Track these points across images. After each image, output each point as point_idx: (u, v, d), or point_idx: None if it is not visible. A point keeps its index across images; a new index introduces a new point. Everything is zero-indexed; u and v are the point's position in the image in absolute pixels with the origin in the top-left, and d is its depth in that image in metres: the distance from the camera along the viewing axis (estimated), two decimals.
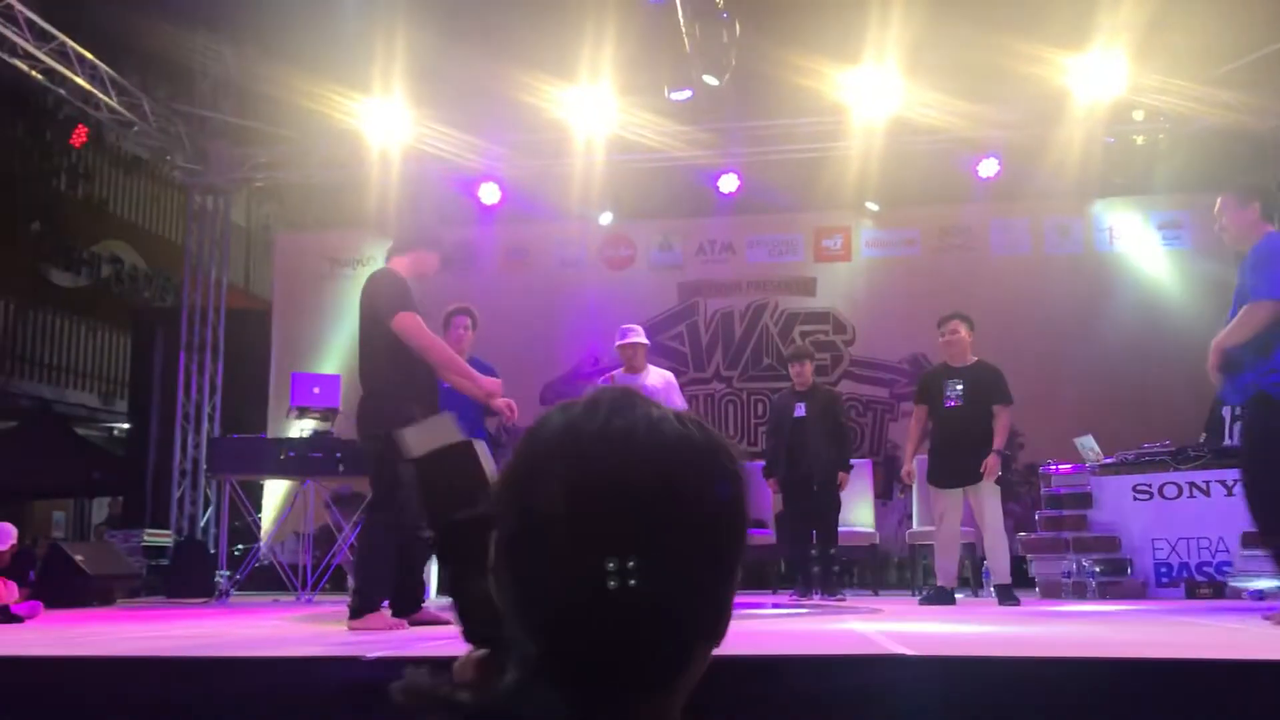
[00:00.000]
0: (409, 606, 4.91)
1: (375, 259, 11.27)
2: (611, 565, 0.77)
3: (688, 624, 0.81)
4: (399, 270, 5.10)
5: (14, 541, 7.33)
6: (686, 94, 8.96)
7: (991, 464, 6.57)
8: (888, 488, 9.82)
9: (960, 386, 6.77)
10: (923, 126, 9.82)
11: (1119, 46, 8.87)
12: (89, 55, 9.49)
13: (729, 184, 10.40)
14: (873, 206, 10.67)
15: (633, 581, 0.77)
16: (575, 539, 0.78)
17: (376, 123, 9.98)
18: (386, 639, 3.98)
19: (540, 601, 0.79)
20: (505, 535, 0.82)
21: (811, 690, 2.83)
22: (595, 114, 9.73)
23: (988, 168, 10.15)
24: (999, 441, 6.63)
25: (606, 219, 11.05)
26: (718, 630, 0.84)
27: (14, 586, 6.32)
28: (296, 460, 7.88)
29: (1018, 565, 7.19)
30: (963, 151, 10.12)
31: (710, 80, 8.35)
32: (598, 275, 11.11)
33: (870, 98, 9.50)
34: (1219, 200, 4.95)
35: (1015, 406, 6.82)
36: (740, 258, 10.99)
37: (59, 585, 7.58)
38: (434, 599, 5.81)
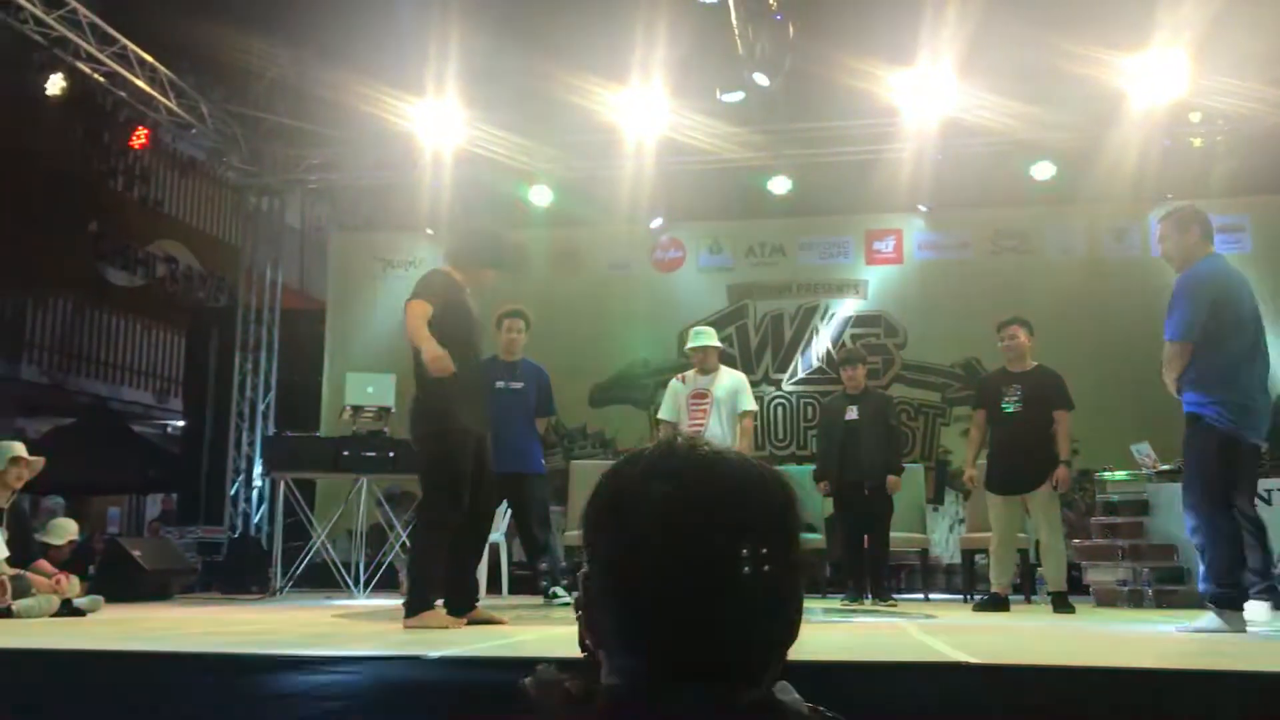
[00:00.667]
0: (463, 605, 4.93)
1: (427, 260, 11.37)
2: (709, 573, 0.88)
3: (777, 623, 0.92)
4: (450, 272, 5.10)
5: (72, 538, 7.47)
6: (738, 96, 8.95)
7: (1063, 476, 6.49)
8: (939, 492, 9.74)
9: (1020, 391, 6.70)
10: (976, 128, 9.73)
11: (1180, 46, 8.74)
12: (149, 58, 9.64)
13: (780, 186, 10.36)
14: (922, 208, 10.58)
15: (728, 586, 0.88)
16: (674, 553, 0.88)
17: (429, 124, 10.05)
18: (445, 638, 4.01)
19: (644, 612, 0.88)
20: (605, 558, 0.92)
21: (874, 697, 2.81)
22: (646, 116, 9.74)
23: (1043, 170, 10.04)
24: (1064, 450, 6.56)
25: (657, 224, 11.05)
26: (796, 628, 0.94)
27: (75, 580, 6.42)
28: (350, 458, 7.96)
29: (1072, 573, 7.11)
30: (1017, 154, 10.02)
31: (761, 79, 8.33)
32: (647, 277, 11.11)
33: (924, 99, 9.44)
34: (1160, 224, 5.01)
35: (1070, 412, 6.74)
36: (791, 260, 10.95)
37: (117, 580, 7.70)
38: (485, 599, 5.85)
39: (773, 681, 0.92)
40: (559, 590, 6.61)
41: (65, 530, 7.41)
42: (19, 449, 6.38)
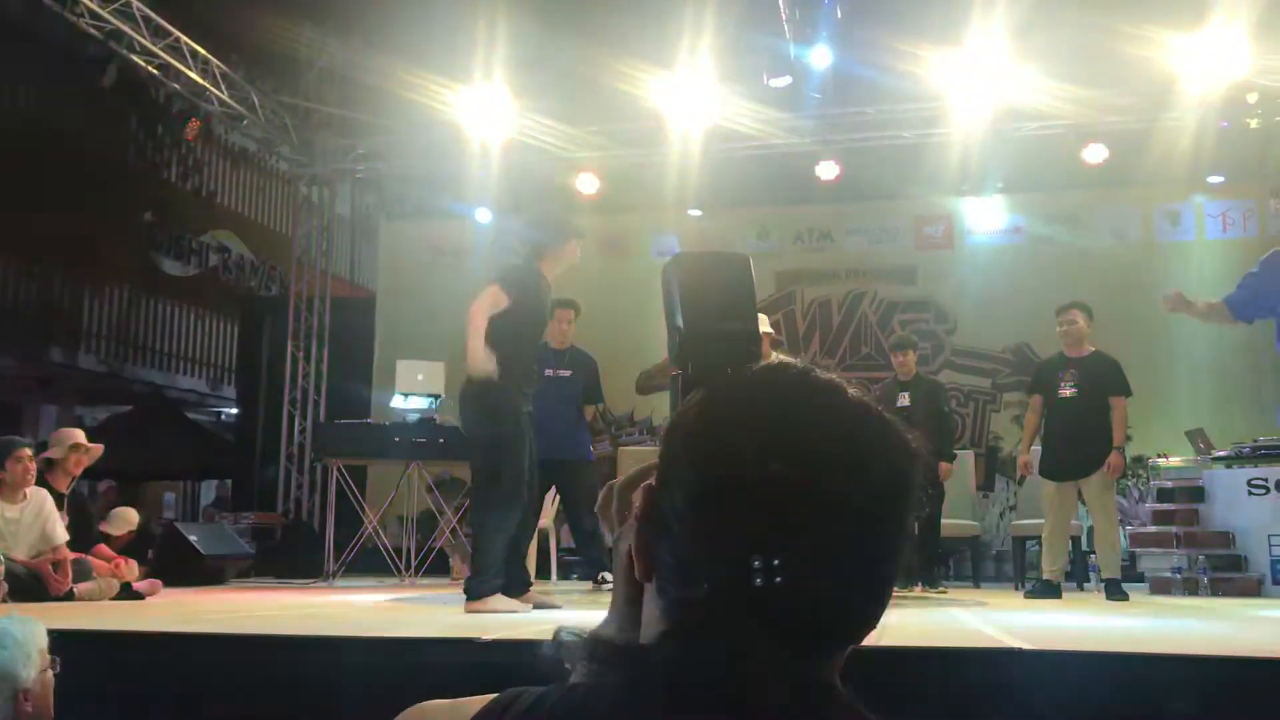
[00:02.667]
0: (516, 588, 4.97)
1: (477, 248, 11.44)
2: (806, 520, 0.77)
3: (868, 590, 0.81)
4: (540, 267, 5.14)
5: (132, 527, 7.62)
6: (786, 80, 8.90)
7: (1115, 463, 6.42)
8: (989, 479, 9.66)
9: (1076, 377, 6.62)
10: (1028, 112, 9.60)
11: (1237, 25, 8.56)
12: (201, 50, 9.76)
13: (828, 171, 10.28)
14: (986, 194, 10.43)
15: (825, 539, 0.77)
16: (771, 492, 0.77)
17: (476, 113, 10.07)
18: (503, 621, 4.04)
19: (730, 556, 0.77)
20: (692, 491, 0.80)
21: (926, 682, 2.80)
22: (693, 102, 9.69)
23: (1095, 153, 9.87)
24: (1119, 437, 6.48)
25: (695, 214, 11.02)
26: (884, 603, 0.83)
27: (135, 565, 6.55)
28: (402, 445, 8.03)
29: (1125, 559, 7.03)
30: (1069, 137, 9.87)
31: (820, 59, 8.25)
32: None
33: (974, 82, 9.32)
34: None
35: None
36: (839, 246, 10.88)
37: (174, 564, 7.84)
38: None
39: (838, 666, 0.81)
40: (608, 575, 6.64)
41: (126, 520, 7.57)
42: (78, 436, 6.51)
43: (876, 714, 0.80)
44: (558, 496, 7.22)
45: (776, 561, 0.76)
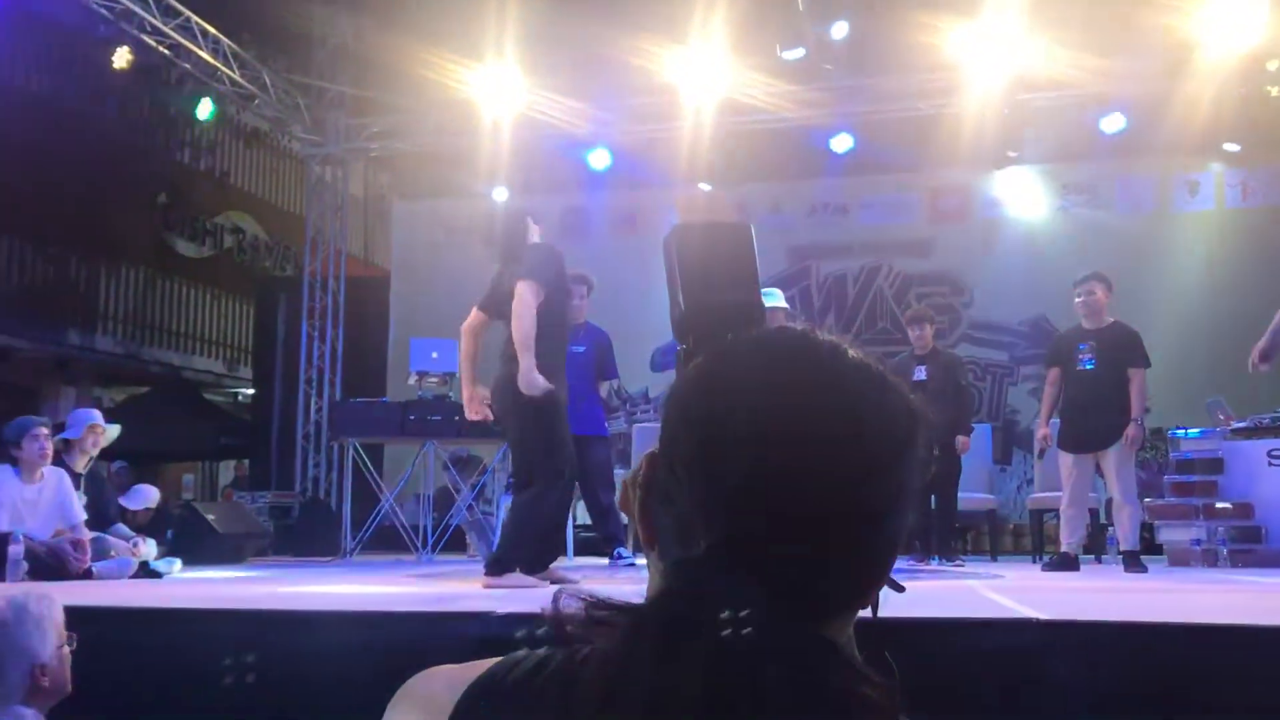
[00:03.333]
0: (542, 564, 4.98)
1: (488, 228, 11.41)
2: (799, 480, 0.76)
3: (865, 551, 0.80)
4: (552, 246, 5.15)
5: (153, 503, 7.67)
6: (799, 53, 8.83)
7: (1133, 434, 6.37)
8: (1007, 452, 9.62)
9: (1095, 348, 6.57)
10: (1044, 81, 9.49)
11: None
12: (212, 30, 9.74)
13: (842, 144, 10.20)
14: (1012, 154, 10.31)
15: (818, 499, 0.76)
16: (763, 452, 0.77)
17: (488, 90, 10.03)
18: (522, 596, 4.05)
19: (723, 516, 0.78)
20: (687, 454, 0.81)
21: (941, 653, 2.79)
22: (705, 76, 9.62)
23: (1112, 123, 9.77)
24: (1137, 409, 6.42)
25: (705, 189, 10.95)
26: (883, 565, 0.83)
27: (153, 543, 6.59)
28: (417, 423, 8.04)
29: (1144, 532, 6.99)
30: (1086, 106, 9.77)
31: (839, 31, 8.18)
32: None
33: (989, 52, 9.22)
34: None
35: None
36: (853, 219, 10.83)
37: (192, 543, 7.89)
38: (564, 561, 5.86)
39: (843, 629, 0.81)
40: (623, 551, 6.65)
41: (147, 497, 7.62)
42: (95, 416, 6.55)
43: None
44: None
45: (768, 521, 0.76)
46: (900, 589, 0.89)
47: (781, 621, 0.74)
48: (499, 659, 0.85)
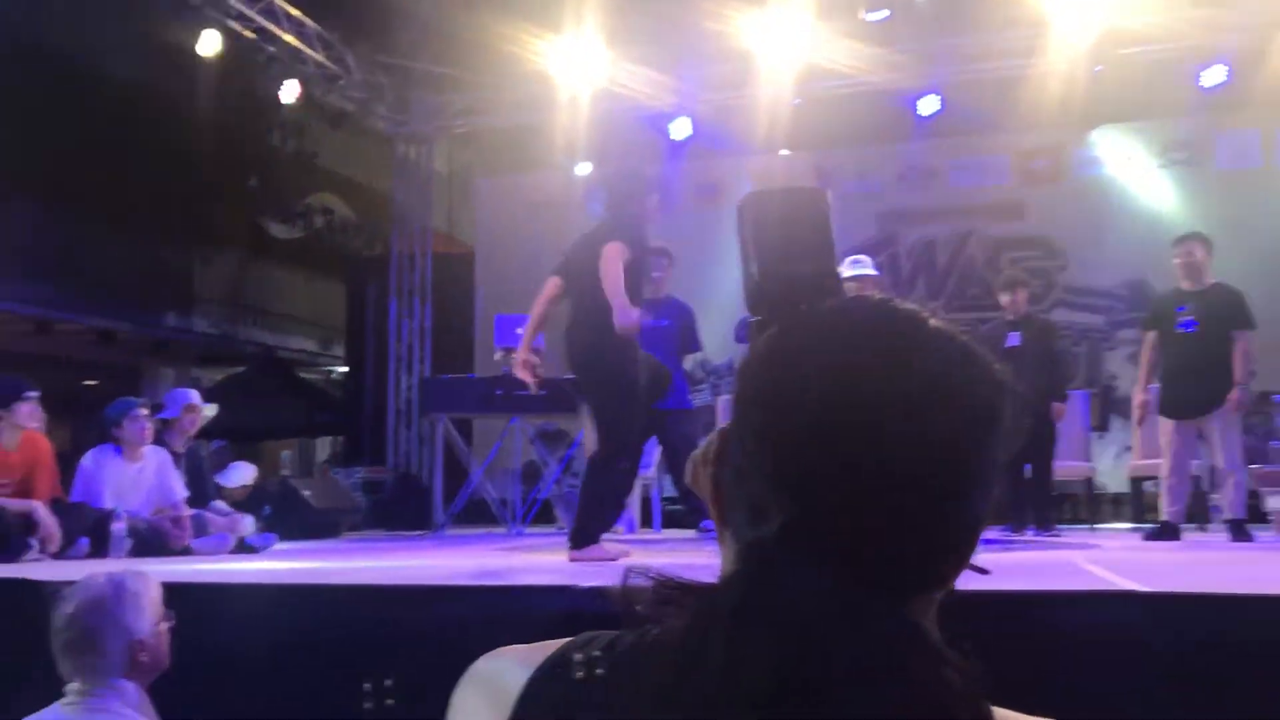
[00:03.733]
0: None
1: (571, 200, 11.43)
2: (874, 455, 0.74)
3: (943, 528, 0.77)
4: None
5: (252, 481, 7.86)
6: (884, 14, 8.65)
7: (1238, 399, 6.14)
8: (1104, 419, 9.37)
9: (1196, 310, 6.33)
10: (1139, 35, 9.14)
11: None
12: (295, 12, 9.87)
13: (929, 106, 9.96)
14: (1093, 124, 10.00)
15: (895, 474, 0.74)
16: (836, 426, 0.74)
17: (567, 63, 10.01)
18: (608, 569, 4.05)
19: (795, 493, 0.75)
20: (759, 429, 0.79)
21: (1039, 628, 2.71)
22: (786, 40, 9.46)
23: (1213, 76, 9.36)
24: (1240, 373, 6.18)
25: (784, 153, 10.79)
26: (965, 543, 0.79)
27: (250, 520, 6.75)
28: (504, 398, 8.10)
29: (1249, 499, 6.75)
30: (1185, 59, 9.39)
31: None
32: None
33: (1081, 5, 8.91)
34: None
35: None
36: (942, 183, 10.59)
37: (289, 519, 8.06)
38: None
39: (924, 611, 0.78)
40: (709, 524, 6.64)
41: (243, 475, 7.81)
42: (193, 396, 6.72)
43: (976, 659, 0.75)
44: (660, 446, 7.22)
45: (841, 498, 0.73)
46: (983, 572, 0.84)
47: (856, 602, 0.71)
48: (568, 639, 0.84)
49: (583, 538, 4.73)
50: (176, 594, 2.88)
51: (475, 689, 0.86)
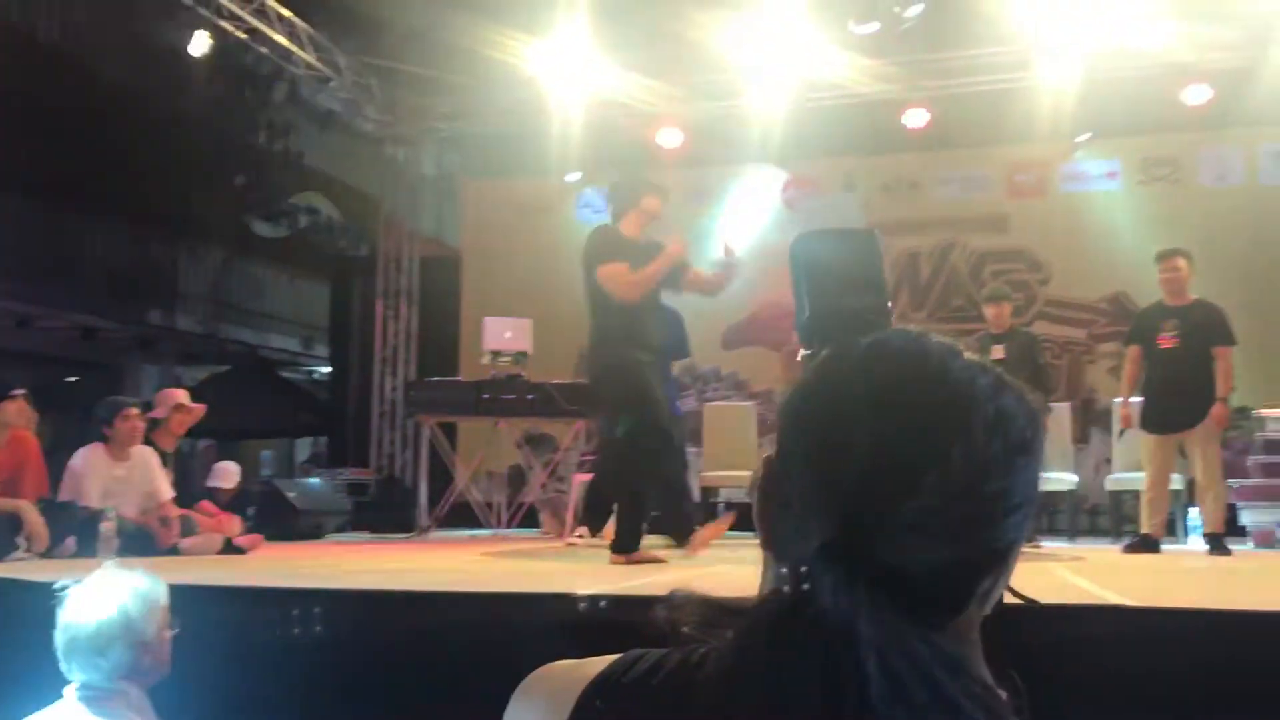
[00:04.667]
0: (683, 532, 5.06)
1: (559, 206, 11.47)
2: (908, 483, 0.77)
3: (975, 554, 0.80)
4: (620, 227, 5.21)
5: (238, 481, 7.84)
6: (874, 27, 8.70)
7: (1220, 414, 6.23)
8: (1084, 432, 9.46)
9: (1178, 326, 6.42)
10: (1126, 52, 9.25)
11: None
12: (287, 13, 9.86)
13: (916, 119, 10.05)
14: (1080, 139, 10.10)
15: (928, 503, 0.77)
16: (873, 455, 0.78)
17: (558, 68, 10.03)
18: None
19: (834, 519, 0.78)
20: (800, 457, 0.83)
21: (1022, 639, 2.76)
22: (777, 51, 9.53)
23: (1196, 94, 9.49)
24: (1223, 388, 6.27)
25: (782, 170, 10.86)
26: (999, 569, 0.83)
27: (237, 520, 6.74)
28: (490, 401, 8.13)
29: (1229, 514, 6.84)
30: (1170, 77, 9.50)
31: (914, 10, 8.08)
32: (777, 218, 10.96)
33: (1068, 23, 9.01)
34: None
35: None
36: (927, 195, 10.67)
37: (273, 520, 8.04)
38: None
39: (963, 634, 0.81)
40: (695, 528, 6.67)
41: (231, 474, 7.79)
42: (182, 396, 6.71)
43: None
44: None
45: (878, 523, 0.77)
46: (1028, 601, 0.88)
47: (895, 625, 0.74)
48: (616, 656, 0.87)
49: (630, 542, 4.73)
50: (170, 595, 2.89)
51: (530, 703, 0.88)
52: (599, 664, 0.87)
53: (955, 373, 0.83)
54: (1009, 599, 0.91)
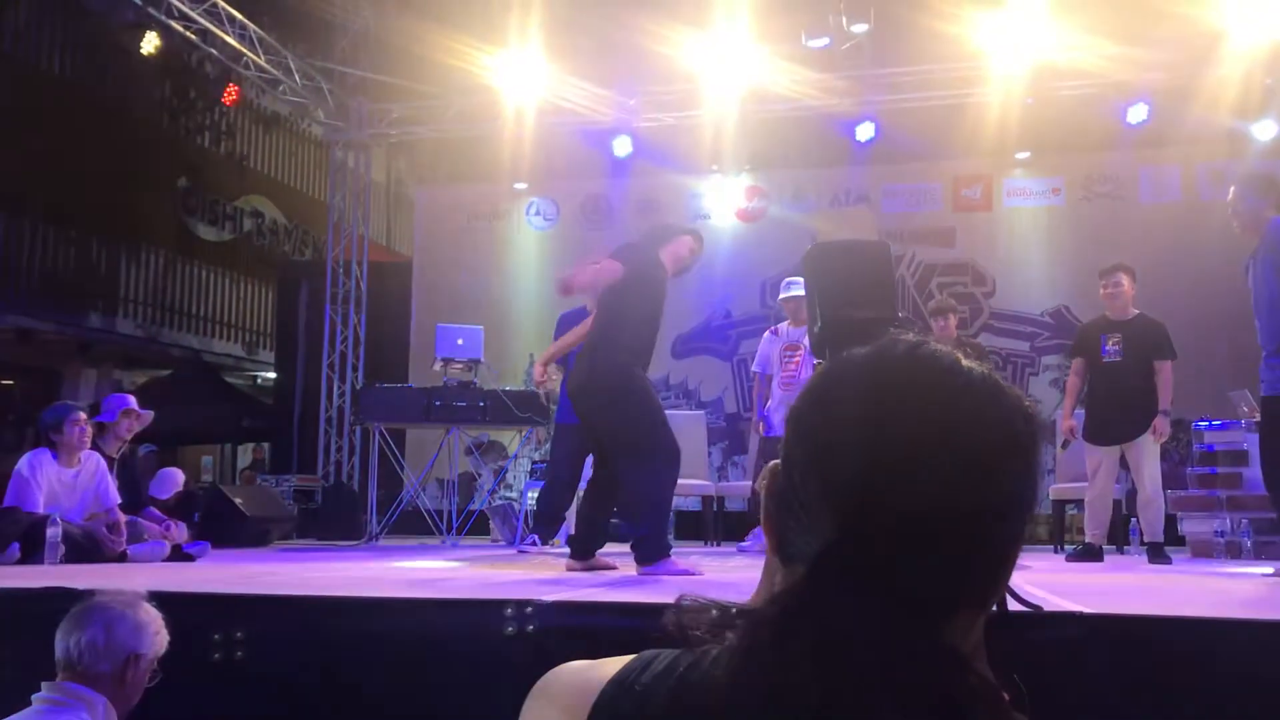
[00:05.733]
0: (592, 549, 5.03)
1: (511, 213, 11.47)
2: (905, 486, 0.79)
3: (968, 555, 0.82)
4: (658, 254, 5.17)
5: (180, 487, 7.73)
6: (824, 41, 8.83)
7: (1160, 426, 6.37)
8: None
9: (1121, 340, 6.57)
10: (1068, 71, 9.48)
11: None
12: (238, 15, 9.77)
13: (865, 132, 10.19)
14: (1022, 155, 10.33)
15: (926, 504, 0.79)
16: (871, 458, 0.80)
17: (510, 77, 10.04)
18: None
19: (835, 522, 0.81)
20: (803, 464, 0.85)
21: (1002, 647, 2.82)
22: (729, 63, 9.62)
23: (1137, 113, 9.73)
24: (1165, 401, 6.43)
25: (739, 177, 10.95)
26: (997, 568, 0.85)
27: (184, 527, 6.65)
28: (441, 409, 8.09)
29: (1167, 524, 7.01)
30: (1110, 96, 9.74)
31: (859, 28, 8.20)
32: (729, 227, 11.06)
33: (1013, 42, 9.20)
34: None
35: None
36: (876, 208, 10.82)
37: (220, 527, 7.93)
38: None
39: (964, 634, 0.82)
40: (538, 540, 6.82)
41: (173, 482, 7.68)
42: (130, 402, 6.61)
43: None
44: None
45: (878, 525, 0.79)
46: (1029, 606, 0.91)
47: (894, 624, 0.77)
48: (632, 656, 0.88)
49: (655, 552, 4.72)
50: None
51: (549, 703, 0.89)
52: (615, 664, 0.88)
53: (954, 376, 0.86)
54: (1013, 606, 0.95)
